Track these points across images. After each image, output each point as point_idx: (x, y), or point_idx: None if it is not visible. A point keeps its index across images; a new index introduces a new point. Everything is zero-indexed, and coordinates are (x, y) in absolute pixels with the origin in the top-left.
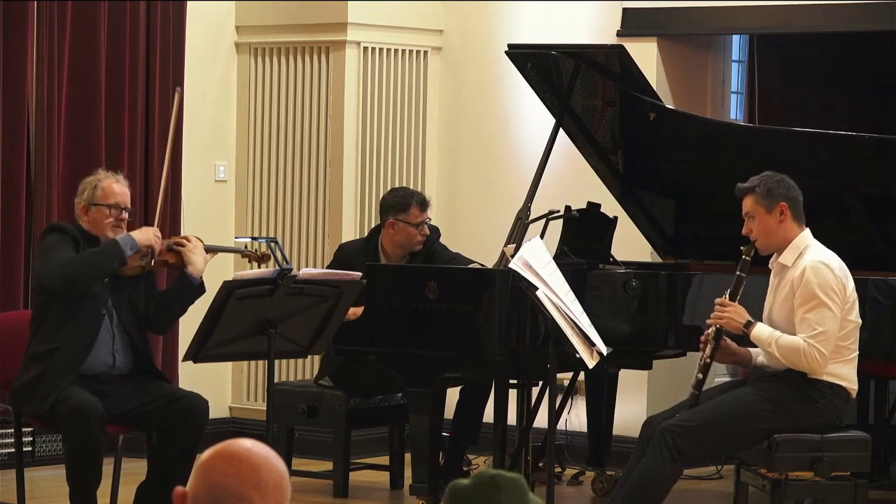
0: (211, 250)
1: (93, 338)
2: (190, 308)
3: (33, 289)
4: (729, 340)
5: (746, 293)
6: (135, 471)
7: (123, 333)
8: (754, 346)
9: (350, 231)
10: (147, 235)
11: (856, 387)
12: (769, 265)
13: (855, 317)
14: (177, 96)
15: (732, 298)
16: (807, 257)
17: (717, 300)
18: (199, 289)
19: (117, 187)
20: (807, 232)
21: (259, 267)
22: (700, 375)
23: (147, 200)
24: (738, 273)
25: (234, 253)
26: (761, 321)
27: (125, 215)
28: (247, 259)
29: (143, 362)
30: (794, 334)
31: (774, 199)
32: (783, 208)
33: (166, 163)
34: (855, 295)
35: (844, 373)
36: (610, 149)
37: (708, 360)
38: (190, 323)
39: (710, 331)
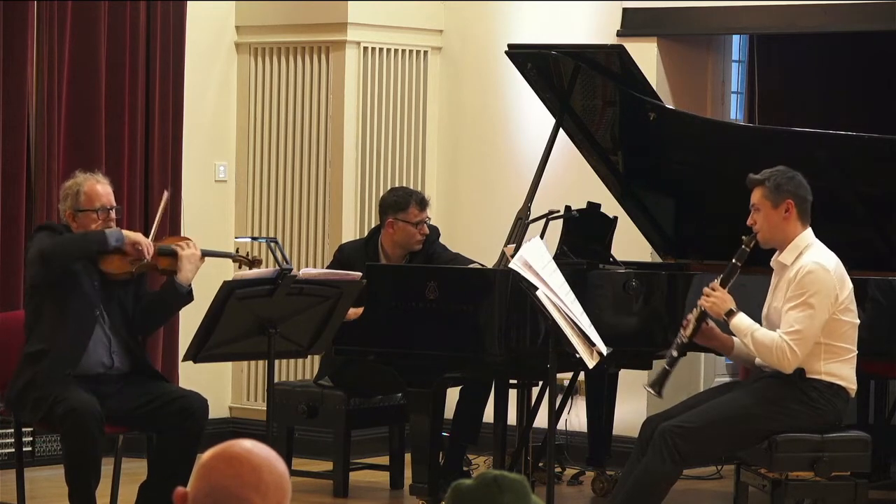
0: (204, 254)
1: (86, 339)
2: (190, 308)
3: (27, 290)
4: (712, 324)
5: (747, 294)
6: (135, 471)
7: (118, 336)
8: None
9: (350, 231)
10: (137, 235)
11: (855, 386)
12: (770, 264)
13: (853, 317)
14: (164, 197)
15: (723, 285)
16: (805, 258)
17: (708, 284)
18: (187, 297)
19: (100, 188)
20: (808, 232)
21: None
22: (675, 353)
23: (147, 200)
24: (733, 261)
25: (224, 257)
26: (760, 322)
27: (112, 215)
28: (237, 264)
29: (140, 363)
30: None
31: (782, 194)
32: (789, 205)
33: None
34: (853, 296)
35: (844, 373)
36: (610, 149)
37: (685, 341)
38: (190, 323)
39: (694, 312)
